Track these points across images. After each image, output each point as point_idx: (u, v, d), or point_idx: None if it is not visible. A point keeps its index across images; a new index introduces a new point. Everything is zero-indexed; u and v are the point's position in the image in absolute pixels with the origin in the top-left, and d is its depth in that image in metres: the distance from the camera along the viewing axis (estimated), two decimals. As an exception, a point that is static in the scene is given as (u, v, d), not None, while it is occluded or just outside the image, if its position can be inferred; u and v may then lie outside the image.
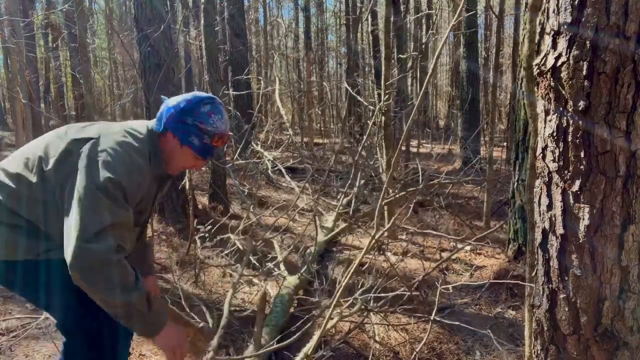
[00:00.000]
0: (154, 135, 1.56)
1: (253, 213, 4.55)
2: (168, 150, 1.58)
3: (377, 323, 2.87)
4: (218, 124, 1.55)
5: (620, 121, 1.17)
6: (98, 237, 1.32)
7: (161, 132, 1.56)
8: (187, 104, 1.54)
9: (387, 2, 4.69)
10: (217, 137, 1.55)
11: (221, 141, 1.58)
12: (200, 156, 1.58)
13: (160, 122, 1.56)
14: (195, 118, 1.53)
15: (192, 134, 1.54)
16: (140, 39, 4.90)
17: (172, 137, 1.55)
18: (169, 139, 1.56)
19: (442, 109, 20.71)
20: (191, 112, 1.53)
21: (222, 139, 1.57)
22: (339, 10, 18.98)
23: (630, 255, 1.24)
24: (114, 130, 1.51)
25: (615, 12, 1.13)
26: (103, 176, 1.38)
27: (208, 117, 1.53)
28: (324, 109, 15.21)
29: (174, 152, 1.57)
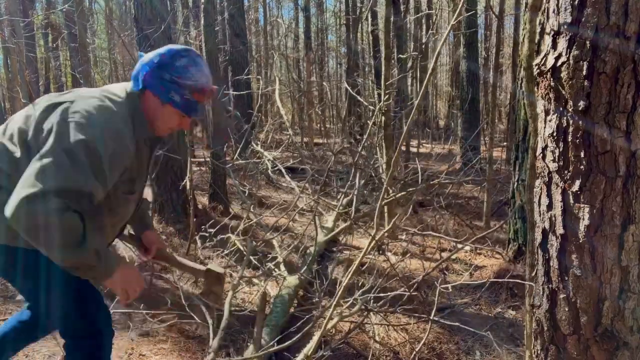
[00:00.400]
0: (133, 96, 1.48)
1: (253, 213, 4.55)
2: (150, 110, 1.50)
3: (377, 323, 2.87)
4: (197, 77, 1.47)
5: (620, 121, 1.17)
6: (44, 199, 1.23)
7: (139, 92, 1.48)
8: (161, 58, 1.46)
9: (387, 2, 4.69)
10: (197, 91, 1.47)
11: (203, 95, 1.49)
12: (184, 113, 1.50)
13: (137, 81, 1.48)
14: (172, 73, 1.45)
15: (172, 90, 1.46)
16: (140, 39, 4.90)
17: (151, 96, 1.48)
18: (149, 98, 1.49)
19: (442, 109, 20.71)
20: (167, 67, 1.45)
21: (203, 92, 1.49)
22: (339, 10, 18.99)
23: (630, 255, 1.24)
24: (91, 95, 1.44)
25: (615, 12, 1.13)
26: (74, 139, 1.30)
27: (186, 70, 1.45)
28: (324, 109, 15.22)
29: (157, 112, 1.50)
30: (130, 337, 2.72)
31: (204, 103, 1.53)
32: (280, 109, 7.53)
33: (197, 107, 1.52)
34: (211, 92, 1.52)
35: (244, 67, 10.21)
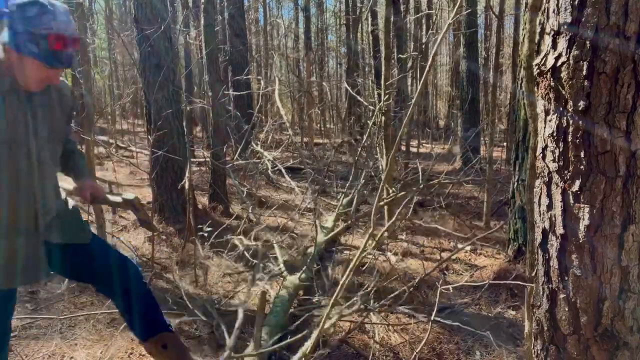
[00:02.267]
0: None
1: (253, 213, 4.55)
2: (13, 64, 1.46)
3: (377, 323, 2.87)
4: (52, 24, 1.41)
5: (620, 121, 1.17)
6: None
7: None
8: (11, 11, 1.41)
9: (387, 2, 4.69)
10: (54, 39, 1.41)
11: (62, 43, 1.43)
12: (47, 64, 1.45)
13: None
14: (25, 23, 1.40)
15: (28, 40, 1.41)
16: (140, 39, 4.90)
17: (9, 49, 1.44)
18: (8, 51, 1.45)
19: (442, 109, 20.70)
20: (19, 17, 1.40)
21: (61, 39, 1.42)
22: (339, 10, 18.99)
23: (630, 255, 1.24)
24: None
25: (615, 12, 1.13)
26: None
27: (38, 19, 1.40)
28: (324, 109, 15.21)
29: (20, 65, 1.46)
30: (130, 337, 2.72)
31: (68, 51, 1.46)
32: (280, 109, 7.52)
33: (60, 57, 1.46)
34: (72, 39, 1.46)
35: (244, 67, 10.21)
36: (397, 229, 4.77)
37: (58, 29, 1.42)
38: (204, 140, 10.71)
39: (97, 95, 16.99)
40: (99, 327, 2.85)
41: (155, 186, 4.94)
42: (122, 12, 18.09)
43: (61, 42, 1.43)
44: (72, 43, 1.46)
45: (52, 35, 1.41)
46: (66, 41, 1.44)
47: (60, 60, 1.46)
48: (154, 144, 4.38)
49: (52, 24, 1.41)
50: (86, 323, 2.88)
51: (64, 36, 1.43)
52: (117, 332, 2.75)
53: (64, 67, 1.49)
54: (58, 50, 1.44)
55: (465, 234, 4.73)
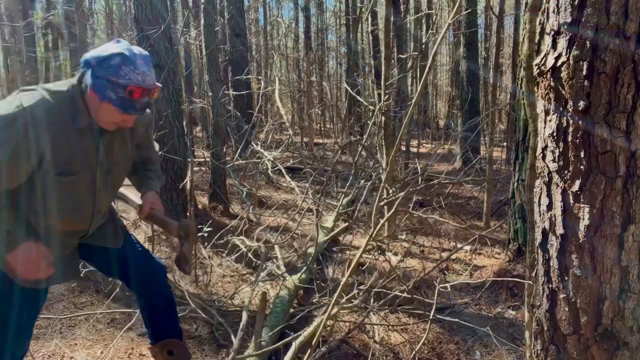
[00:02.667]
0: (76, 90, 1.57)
1: (253, 213, 4.55)
2: (92, 105, 1.57)
3: (377, 323, 2.87)
4: (131, 76, 1.50)
5: (620, 121, 1.17)
6: None
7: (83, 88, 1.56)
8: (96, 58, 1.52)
9: (387, 2, 4.68)
10: (131, 90, 1.50)
11: (139, 93, 1.52)
12: (122, 110, 1.54)
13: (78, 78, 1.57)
14: (106, 71, 1.50)
15: (107, 88, 1.51)
16: (140, 39, 4.90)
17: (91, 92, 1.55)
18: (90, 94, 1.56)
19: (442, 109, 20.69)
20: (102, 65, 1.50)
21: (138, 91, 1.51)
22: (339, 10, 18.98)
23: (630, 255, 1.24)
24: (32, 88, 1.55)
25: (615, 12, 1.13)
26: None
27: (118, 70, 1.49)
28: (324, 109, 15.21)
29: (96, 107, 1.56)
30: (130, 337, 2.72)
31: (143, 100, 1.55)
32: (280, 109, 7.51)
33: (135, 105, 1.55)
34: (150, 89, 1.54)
35: (244, 67, 10.21)
36: (397, 229, 4.77)
37: (137, 81, 1.51)
38: (204, 140, 10.71)
39: (97, 95, 16.97)
40: (99, 327, 2.85)
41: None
42: (122, 12, 18.09)
43: (138, 93, 1.52)
44: (148, 92, 1.55)
45: (130, 87, 1.50)
46: (143, 92, 1.53)
47: (135, 108, 1.56)
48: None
49: (131, 76, 1.50)
50: (86, 323, 2.88)
51: (141, 87, 1.52)
52: (117, 332, 2.75)
53: (138, 114, 1.59)
54: (134, 99, 1.53)
55: (465, 234, 4.73)
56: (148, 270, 2.00)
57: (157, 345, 2.07)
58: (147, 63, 1.55)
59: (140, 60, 1.53)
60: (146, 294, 2.02)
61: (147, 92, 1.54)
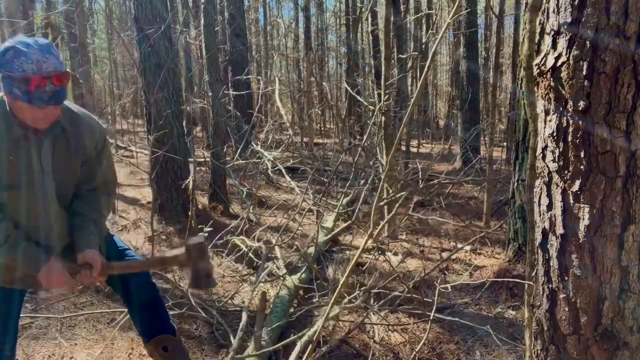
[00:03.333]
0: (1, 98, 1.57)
1: (253, 213, 4.55)
2: (13, 108, 1.55)
3: (377, 323, 2.87)
4: (24, 66, 1.45)
5: (620, 121, 1.17)
6: None
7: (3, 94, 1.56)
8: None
9: (387, 2, 4.68)
10: (26, 79, 1.45)
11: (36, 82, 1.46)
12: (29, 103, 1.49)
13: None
14: (3, 68, 1.47)
15: (10, 85, 1.48)
16: (140, 39, 4.90)
17: (4, 94, 1.54)
18: (5, 96, 1.55)
19: (442, 109, 20.69)
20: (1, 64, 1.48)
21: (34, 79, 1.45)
22: (339, 10, 18.97)
23: (630, 255, 1.24)
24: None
25: (615, 12, 1.13)
26: None
27: (12, 64, 1.46)
28: (324, 109, 15.21)
29: (14, 107, 1.55)
30: (130, 337, 2.72)
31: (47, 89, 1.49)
32: (280, 109, 7.52)
33: (39, 96, 1.48)
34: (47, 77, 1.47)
35: (244, 67, 10.21)
36: (397, 229, 4.77)
37: (31, 70, 1.45)
38: (204, 140, 10.71)
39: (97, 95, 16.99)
40: (99, 327, 2.85)
41: (155, 186, 4.93)
42: (122, 12, 18.09)
43: (37, 83, 1.46)
44: (51, 80, 1.48)
45: (27, 77, 1.45)
46: (43, 80, 1.46)
47: (43, 99, 1.49)
48: (154, 144, 4.38)
49: (24, 66, 1.45)
50: (86, 323, 2.88)
51: (38, 77, 1.46)
52: (117, 332, 2.75)
53: (51, 105, 1.52)
54: (37, 90, 1.47)
55: (465, 234, 4.73)
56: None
57: (151, 343, 2.07)
58: (43, 51, 1.49)
59: (34, 49, 1.47)
60: (133, 293, 2.01)
61: (47, 80, 1.47)
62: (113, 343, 2.67)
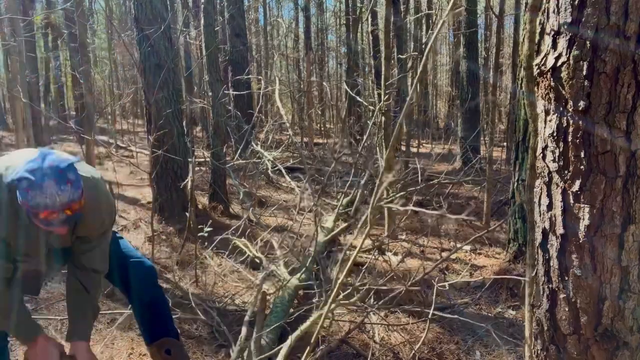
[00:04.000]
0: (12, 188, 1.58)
1: (253, 213, 4.55)
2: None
3: (377, 323, 2.87)
4: (38, 200, 1.45)
5: (620, 121, 1.17)
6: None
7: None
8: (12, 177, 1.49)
9: (387, 2, 4.68)
10: (39, 213, 1.47)
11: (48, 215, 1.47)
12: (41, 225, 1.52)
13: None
14: (20, 194, 1.48)
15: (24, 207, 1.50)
16: (140, 39, 4.90)
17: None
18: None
19: (442, 109, 20.69)
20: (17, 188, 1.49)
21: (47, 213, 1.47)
22: (339, 10, 18.97)
23: (630, 255, 1.24)
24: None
25: (615, 12, 1.13)
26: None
27: (26, 194, 1.46)
28: (324, 109, 15.22)
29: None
30: (130, 337, 2.72)
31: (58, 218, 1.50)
32: (280, 109, 7.51)
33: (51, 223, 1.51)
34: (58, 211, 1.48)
35: (244, 67, 10.20)
36: (397, 229, 4.77)
37: (44, 205, 1.46)
38: (204, 140, 10.71)
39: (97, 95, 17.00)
40: (99, 327, 2.85)
41: (155, 186, 4.94)
42: (122, 12, 18.09)
43: (47, 215, 1.48)
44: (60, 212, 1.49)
45: (34, 211, 1.47)
46: (53, 213, 1.48)
47: (52, 225, 1.52)
48: (154, 144, 4.38)
49: (38, 200, 1.45)
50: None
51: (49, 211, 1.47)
52: (117, 332, 2.75)
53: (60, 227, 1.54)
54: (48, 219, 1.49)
55: (466, 234, 4.73)
56: (137, 272, 2.02)
57: (154, 345, 2.08)
58: (59, 181, 1.46)
59: (49, 181, 1.45)
60: (137, 294, 2.03)
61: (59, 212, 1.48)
62: (113, 343, 2.67)
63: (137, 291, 2.03)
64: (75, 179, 1.50)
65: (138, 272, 2.01)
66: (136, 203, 6.03)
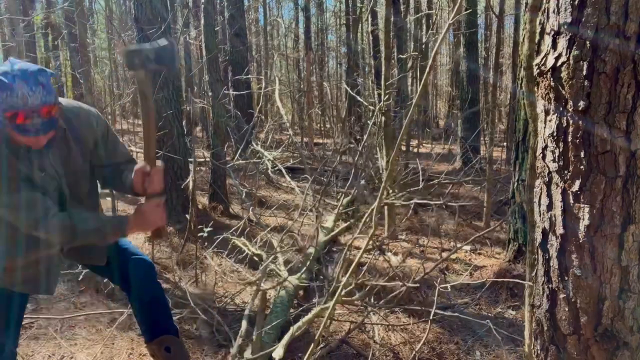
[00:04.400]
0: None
1: (253, 213, 4.55)
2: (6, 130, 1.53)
3: (377, 323, 2.87)
4: (9, 101, 1.40)
5: (620, 121, 1.17)
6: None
7: None
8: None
9: (387, 2, 4.68)
10: (12, 115, 1.41)
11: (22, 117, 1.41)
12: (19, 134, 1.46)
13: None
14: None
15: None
16: (141, 39, 4.90)
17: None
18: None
19: (442, 109, 20.68)
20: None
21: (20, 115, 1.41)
22: (339, 10, 18.96)
23: (630, 255, 1.24)
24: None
25: (615, 12, 1.13)
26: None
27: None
28: (324, 109, 15.20)
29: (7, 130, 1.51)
30: (130, 337, 2.72)
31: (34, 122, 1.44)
32: (280, 109, 7.52)
33: (27, 128, 1.45)
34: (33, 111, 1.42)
35: (244, 67, 10.20)
36: (397, 229, 4.77)
37: (18, 105, 1.40)
38: (204, 140, 10.70)
39: (97, 95, 16.99)
40: (99, 327, 2.85)
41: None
42: (122, 12, 18.09)
43: (21, 117, 1.41)
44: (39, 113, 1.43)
45: (9, 112, 1.41)
46: (26, 114, 1.41)
47: (29, 130, 1.45)
48: (154, 144, 4.37)
49: (10, 101, 1.40)
50: (86, 323, 2.88)
51: (21, 111, 1.41)
52: (117, 332, 2.75)
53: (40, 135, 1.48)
54: (25, 123, 1.43)
55: (465, 234, 4.73)
56: (137, 269, 2.02)
57: (154, 343, 2.08)
58: (30, 82, 1.41)
59: (19, 81, 1.40)
60: (137, 292, 2.04)
61: (34, 113, 1.42)
62: (113, 343, 2.67)
63: (137, 289, 2.03)
64: (46, 83, 1.46)
65: (138, 270, 2.02)
66: (136, 203, 6.02)
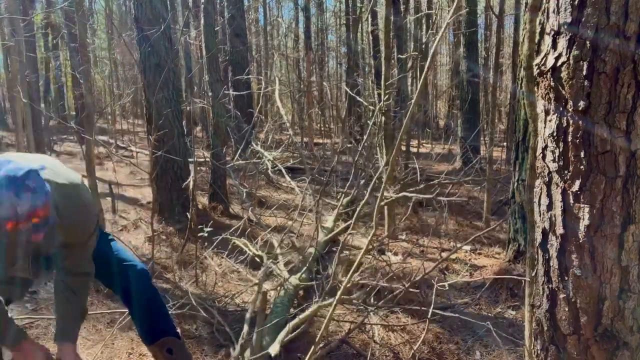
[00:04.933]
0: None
1: (253, 213, 4.55)
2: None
3: (377, 323, 2.87)
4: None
5: (620, 121, 1.17)
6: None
7: None
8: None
9: (387, 2, 4.68)
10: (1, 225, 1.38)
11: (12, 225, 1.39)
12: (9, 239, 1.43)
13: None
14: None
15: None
16: (140, 39, 4.91)
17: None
18: None
19: (442, 109, 20.68)
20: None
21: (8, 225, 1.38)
22: (339, 10, 18.96)
23: (630, 255, 1.24)
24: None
25: (615, 12, 1.13)
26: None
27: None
28: (324, 109, 15.20)
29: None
30: (130, 337, 2.72)
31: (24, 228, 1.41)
32: (280, 109, 7.52)
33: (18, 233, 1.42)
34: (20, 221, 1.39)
35: (244, 67, 10.21)
36: (397, 229, 4.77)
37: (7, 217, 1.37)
38: (204, 140, 10.71)
39: (97, 95, 17.00)
40: (99, 327, 2.85)
41: (156, 186, 4.94)
42: (122, 12, 18.10)
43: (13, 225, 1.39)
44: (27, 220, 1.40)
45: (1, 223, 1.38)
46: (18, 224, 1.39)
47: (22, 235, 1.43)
48: (154, 144, 4.38)
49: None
50: (86, 323, 2.87)
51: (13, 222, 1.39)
52: (117, 332, 2.75)
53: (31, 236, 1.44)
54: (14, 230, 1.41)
55: (465, 234, 4.73)
56: (131, 276, 2.00)
57: (155, 345, 2.08)
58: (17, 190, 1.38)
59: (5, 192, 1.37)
60: (131, 296, 2.03)
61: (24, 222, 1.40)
62: (113, 343, 2.67)
63: (133, 295, 2.02)
64: (35, 186, 1.42)
65: (131, 277, 2.00)
66: (136, 203, 6.03)
